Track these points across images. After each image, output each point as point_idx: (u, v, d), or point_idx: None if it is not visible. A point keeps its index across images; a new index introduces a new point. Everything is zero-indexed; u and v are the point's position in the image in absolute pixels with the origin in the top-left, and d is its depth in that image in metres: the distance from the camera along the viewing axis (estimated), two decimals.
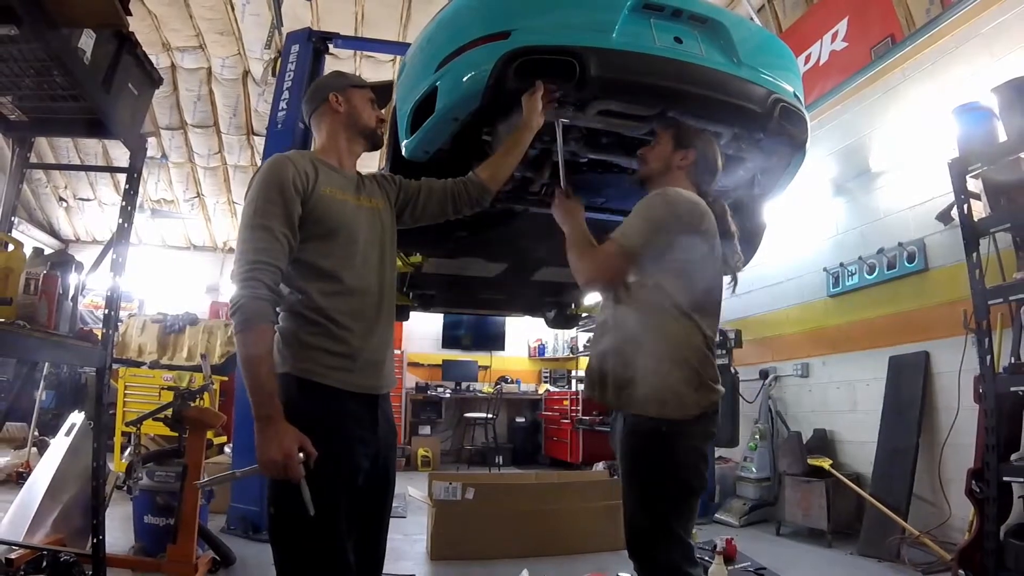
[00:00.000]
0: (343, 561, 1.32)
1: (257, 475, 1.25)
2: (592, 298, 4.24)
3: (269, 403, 1.25)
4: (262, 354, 1.27)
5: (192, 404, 2.91)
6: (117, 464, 4.31)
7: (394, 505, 1.57)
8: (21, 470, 4.30)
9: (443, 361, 8.54)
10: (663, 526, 1.53)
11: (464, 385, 8.36)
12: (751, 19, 4.84)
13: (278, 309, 1.37)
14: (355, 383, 1.40)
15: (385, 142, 1.95)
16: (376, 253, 1.51)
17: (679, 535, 1.53)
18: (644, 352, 1.55)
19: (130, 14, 1.90)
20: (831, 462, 3.92)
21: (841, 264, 4.33)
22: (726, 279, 1.73)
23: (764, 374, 4.90)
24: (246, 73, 7.04)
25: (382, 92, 1.69)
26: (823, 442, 4.26)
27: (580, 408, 7.37)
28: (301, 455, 1.23)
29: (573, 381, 8.27)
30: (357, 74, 1.72)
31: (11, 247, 1.87)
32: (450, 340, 8.77)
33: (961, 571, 2.68)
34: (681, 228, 1.58)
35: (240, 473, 1.29)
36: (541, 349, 9.19)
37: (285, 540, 1.33)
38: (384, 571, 1.55)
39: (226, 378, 5.38)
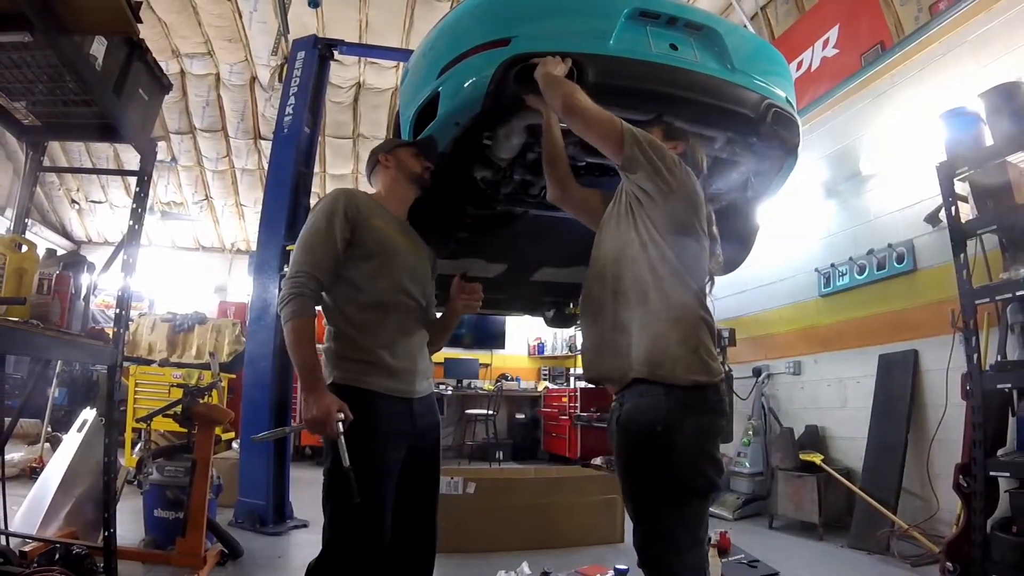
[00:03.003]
0: (375, 542, 1.54)
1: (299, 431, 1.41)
2: None
3: (312, 376, 1.50)
4: (306, 339, 1.53)
5: (201, 401, 2.92)
6: (128, 459, 4.31)
7: None
8: (34, 465, 4.29)
9: (445, 359, 8.52)
10: (667, 534, 1.35)
11: (465, 382, 8.35)
12: (744, 26, 4.85)
13: (326, 326, 1.68)
14: (388, 387, 1.61)
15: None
16: (410, 278, 1.72)
17: (684, 543, 1.34)
18: (639, 316, 1.44)
19: (140, 21, 1.90)
20: (822, 457, 3.92)
21: (832, 265, 4.33)
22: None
23: (757, 372, 4.90)
24: (253, 79, 7.05)
25: (426, 145, 1.86)
26: (815, 438, 4.26)
27: (578, 405, 7.37)
28: (340, 415, 1.47)
29: (572, 378, 8.26)
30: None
31: (25, 248, 1.87)
32: (451, 338, 8.65)
33: (949, 563, 2.68)
34: (670, 166, 1.49)
35: (290, 429, 1.60)
36: (540, 347, 9.19)
37: (331, 520, 1.54)
38: None
39: (234, 376, 5.38)
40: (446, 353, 8.64)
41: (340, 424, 1.47)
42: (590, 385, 7.67)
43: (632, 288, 1.46)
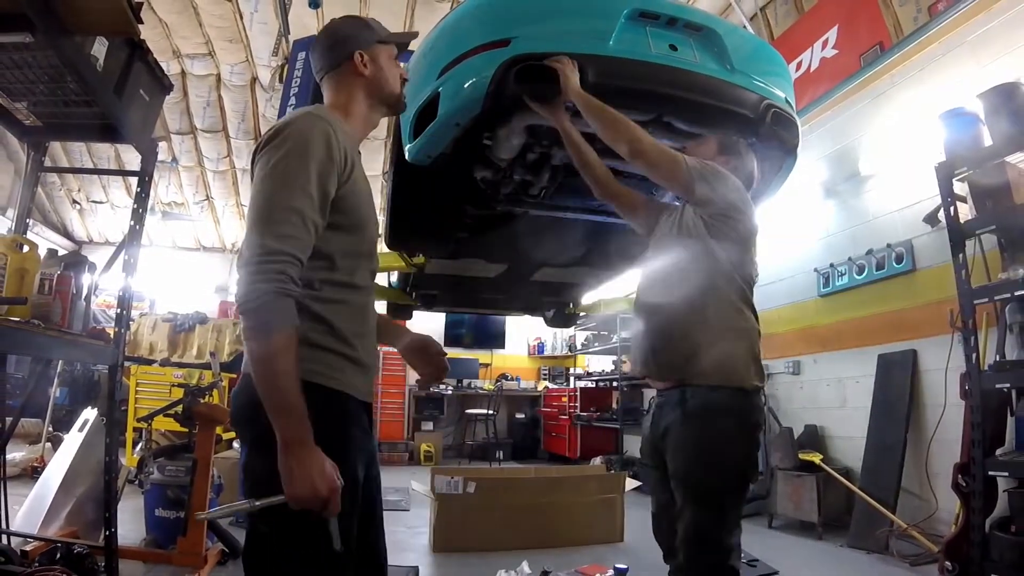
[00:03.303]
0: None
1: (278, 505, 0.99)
2: (590, 297, 4.25)
3: (300, 424, 0.99)
4: (290, 364, 0.99)
5: (202, 401, 2.92)
6: (129, 459, 4.31)
7: (397, 499, 1.48)
8: (36, 464, 4.30)
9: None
10: (722, 516, 1.46)
11: (466, 382, 8.35)
12: (744, 27, 4.85)
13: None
14: (358, 388, 1.18)
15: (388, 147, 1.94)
16: (375, 247, 1.29)
17: (734, 527, 1.48)
18: (709, 325, 1.54)
19: (141, 22, 1.90)
20: (822, 457, 3.92)
21: (831, 265, 4.32)
22: None
23: None
24: (254, 79, 7.04)
25: (405, 44, 1.42)
26: (814, 437, 4.25)
27: (578, 404, 7.37)
28: (340, 482, 1.02)
29: (572, 378, 8.27)
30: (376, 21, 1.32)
31: (26, 248, 1.87)
32: (452, 338, 8.77)
33: (948, 563, 2.68)
34: (740, 196, 1.62)
35: (260, 504, 1.00)
36: (540, 347, 9.19)
37: (278, 563, 1.06)
38: (389, 563, 1.48)
39: (235, 375, 5.37)
40: (446, 352, 8.64)
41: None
42: (590, 385, 7.69)
43: (699, 299, 1.56)
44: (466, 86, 1.70)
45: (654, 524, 1.71)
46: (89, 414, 3.06)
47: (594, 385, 7.70)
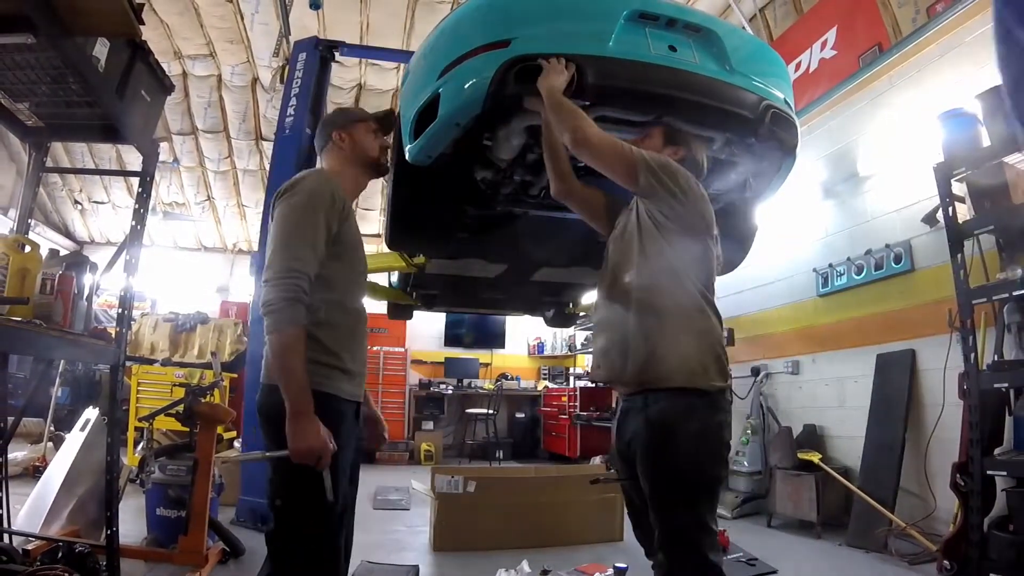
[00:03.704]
0: (337, 546, 1.46)
1: (282, 459, 1.34)
2: (590, 297, 4.25)
3: (304, 398, 1.33)
4: (299, 352, 1.34)
5: (203, 400, 2.91)
6: (130, 458, 4.31)
7: (398, 498, 1.64)
8: (37, 464, 4.30)
9: (445, 359, 8.53)
10: (694, 513, 1.46)
11: (466, 382, 8.35)
12: (743, 28, 4.85)
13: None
14: (347, 391, 1.50)
15: (389, 146, 1.94)
16: (365, 278, 1.68)
17: (708, 523, 1.47)
18: (667, 327, 1.51)
19: (143, 23, 1.90)
20: (820, 456, 3.91)
21: (830, 265, 4.32)
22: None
23: (756, 371, 4.90)
24: (255, 80, 7.04)
25: (385, 121, 1.73)
26: (813, 437, 4.25)
27: (578, 404, 7.37)
28: (331, 445, 1.35)
29: (571, 378, 8.26)
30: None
31: (28, 248, 1.87)
32: (452, 338, 8.77)
33: (946, 562, 2.68)
34: (687, 186, 1.57)
35: (269, 455, 1.38)
36: (540, 347, 9.18)
37: (291, 526, 1.40)
38: (389, 562, 1.60)
39: (236, 375, 5.38)
40: (446, 353, 8.66)
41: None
42: (590, 384, 7.69)
43: (656, 300, 1.53)
44: (466, 87, 1.70)
45: (633, 525, 1.70)
46: (91, 414, 3.06)
47: (593, 385, 7.70)
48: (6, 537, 2.28)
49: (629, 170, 1.54)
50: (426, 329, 8.49)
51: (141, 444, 3.41)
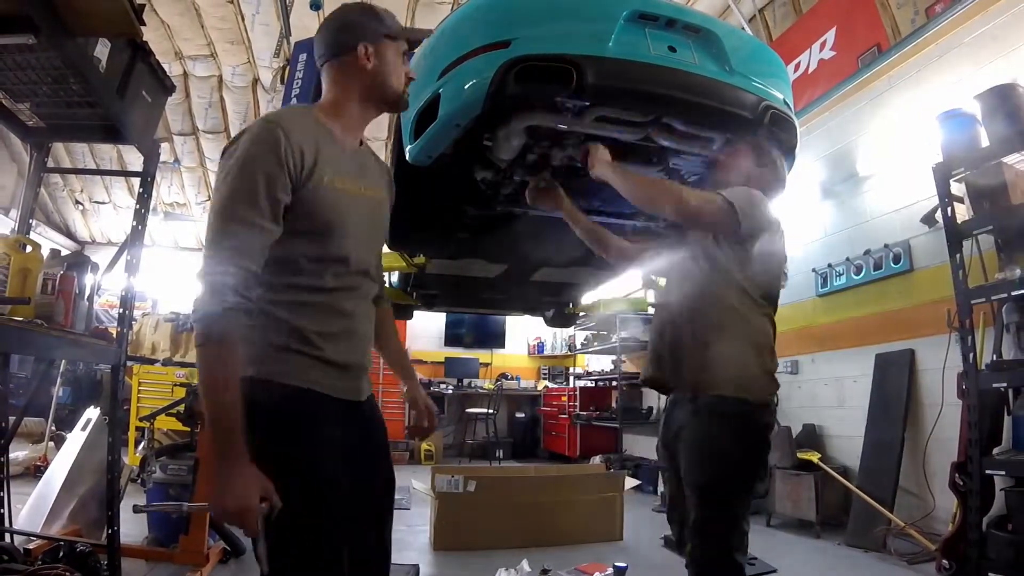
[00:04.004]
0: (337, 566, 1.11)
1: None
2: (589, 297, 4.25)
3: (231, 437, 0.98)
4: (228, 376, 1.00)
5: None
6: (131, 458, 4.31)
7: (398, 497, 1.47)
8: (39, 463, 4.30)
9: (446, 358, 8.53)
10: (729, 514, 1.52)
11: (466, 382, 8.35)
12: (742, 29, 4.85)
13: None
14: (333, 386, 1.17)
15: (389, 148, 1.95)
16: (366, 247, 1.25)
17: (741, 524, 1.53)
18: (726, 336, 1.57)
19: (144, 24, 1.90)
20: (819, 456, 3.91)
21: (829, 265, 4.32)
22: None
23: None
24: (256, 81, 7.03)
25: (415, 45, 1.35)
26: (812, 436, 4.25)
27: (578, 404, 7.37)
28: (264, 505, 0.99)
29: (571, 378, 8.26)
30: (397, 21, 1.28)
31: (29, 248, 1.87)
32: (452, 338, 8.77)
33: (945, 561, 2.68)
34: (773, 222, 1.64)
35: (187, 508, 1.21)
36: (540, 347, 9.18)
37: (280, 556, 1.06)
38: None
39: None
40: (446, 352, 8.66)
41: (262, 513, 1.00)
42: (590, 384, 7.69)
43: (714, 312, 1.60)
44: (466, 87, 1.70)
45: (668, 513, 1.79)
46: (92, 413, 3.06)
47: (593, 384, 7.70)
48: (7, 536, 2.28)
49: (731, 222, 1.57)
50: (426, 329, 8.49)
51: (142, 444, 3.42)
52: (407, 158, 1.97)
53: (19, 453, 4.44)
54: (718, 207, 1.59)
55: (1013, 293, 2.48)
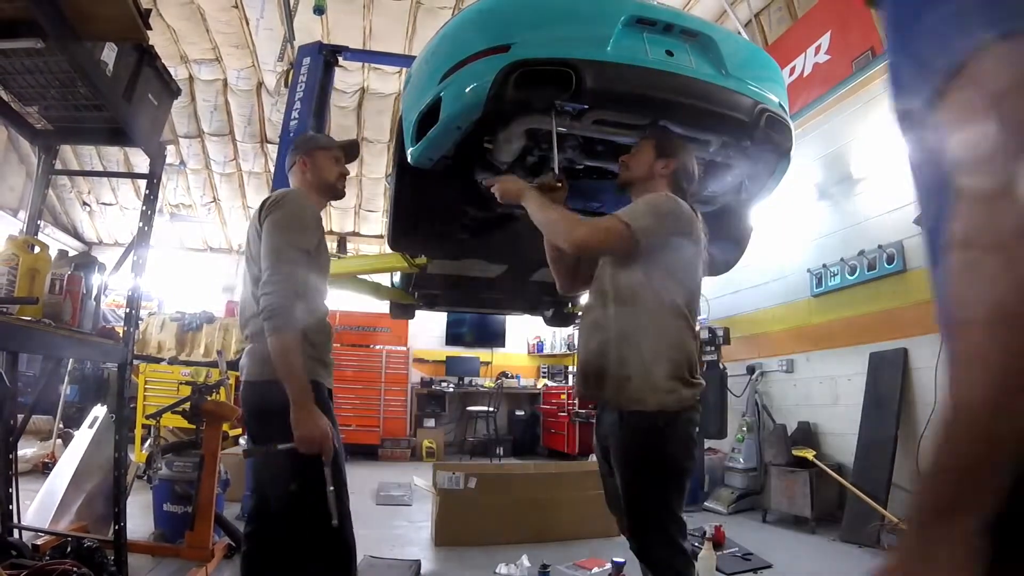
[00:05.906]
0: (349, 534, 1.59)
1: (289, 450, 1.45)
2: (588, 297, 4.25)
3: (307, 392, 1.48)
4: (298, 351, 1.49)
5: (208, 398, 2.91)
6: (138, 455, 4.32)
7: (400, 494, 1.71)
8: (47, 460, 4.30)
9: (446, 357, 8.53)
10: (664, 507, 1.56)
11: (466, 380, 8.35)
12: (739, 33, 4.85)
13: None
14: (327, 379, 1.68)
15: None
16: (326, 284, 1.81)
17: (676, 513, 1.57)
18: (641, 350, 1.56)
19: (150, 28, 1.90)
20: (814, 453, 3.92)
21: (824, 265, 4.33)
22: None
23: (751, 370, 4.90)
24: (260, 84, 7.04)
25: (349, 150, 1.89)
26: (807, 434, 4.26)
27: (576, 402, 7.37)
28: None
29: (570, 376, 8.26)
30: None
31: (37, 249, 1.87)
32: (453, 337, 8.76)
33: None
34: (682, 228, 1.59)
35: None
36: (540, 346, 9.18)
37: (303, 514, 1.52)
38: (391, 556, 1.65)
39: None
40: (448, 351, 8.66)
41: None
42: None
43: (633, 325, 1.58)
44: (467, 91, 1.70)
45: (607, 501, 1.78)
46: (99, 411, 3.06)
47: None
48: (16, 532, 2.28)
49: (628, 243, 1.54)
50: (428, 328, 8.48)
51: (148, 441, 3.42)
52: (409, 160, 1.97)
53: (27, 450, 4.44)
54: (606, 232, 1.55)
55: None
